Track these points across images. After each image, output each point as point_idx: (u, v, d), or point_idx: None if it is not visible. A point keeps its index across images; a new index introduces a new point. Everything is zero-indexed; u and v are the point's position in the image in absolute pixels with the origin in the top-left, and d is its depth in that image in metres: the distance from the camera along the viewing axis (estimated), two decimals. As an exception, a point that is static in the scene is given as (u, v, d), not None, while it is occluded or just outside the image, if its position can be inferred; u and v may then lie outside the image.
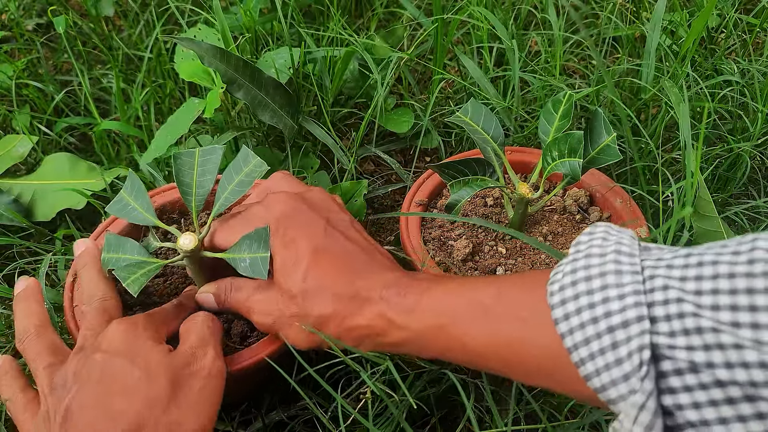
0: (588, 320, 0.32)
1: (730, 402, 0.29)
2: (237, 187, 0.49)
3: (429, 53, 0.87)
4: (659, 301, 0.31)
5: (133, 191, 0.51)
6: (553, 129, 0.55)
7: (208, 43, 0.63)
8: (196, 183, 0.49)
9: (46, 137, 0.83)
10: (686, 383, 0.30)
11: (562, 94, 0.56)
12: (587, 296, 0.33)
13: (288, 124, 0.69)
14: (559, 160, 0.51)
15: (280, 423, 0.55)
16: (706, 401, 0.29)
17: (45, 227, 0.71)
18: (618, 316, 0.31)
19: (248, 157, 0.50)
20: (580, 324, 0.32)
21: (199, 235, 0.48)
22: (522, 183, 0.53)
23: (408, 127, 0.75)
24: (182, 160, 0.50)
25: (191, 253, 0.48)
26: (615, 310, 0.31)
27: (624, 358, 0.31)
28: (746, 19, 0.77)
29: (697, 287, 0.30)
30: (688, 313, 0.30)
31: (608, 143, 0.53)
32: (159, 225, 0.50)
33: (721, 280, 0.29)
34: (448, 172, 0.52)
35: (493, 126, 0.56)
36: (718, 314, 0.29)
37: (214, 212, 0.49)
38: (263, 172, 0.49)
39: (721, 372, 0.29)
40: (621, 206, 0.59)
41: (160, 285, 0.55)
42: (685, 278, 0.30)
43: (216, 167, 0.50)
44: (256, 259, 0.45)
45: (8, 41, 0.98)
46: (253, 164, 0.50)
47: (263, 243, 0.45)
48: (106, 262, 0.48)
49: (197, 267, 0.50)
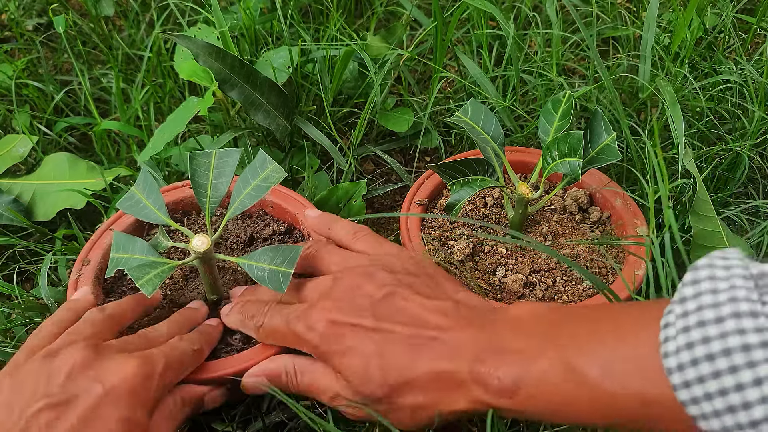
0: (723, 409, 0.28)
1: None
2: (253, 191, 0.48)
3: (428, 53, 0.87)
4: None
5: (145, 188, 0.50)
6: (553, 129, 0.55)
7: (203, 41, 0.63)
8: (211, 185, 0.49)
9: (46, 137, 0.83)
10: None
11: (562, 94, 0.56)
12: (715, 381, 0.29)
13: (281, 125, 0.69)
14: (559, 160, 0.51)
15: (281, 424, 0.55)
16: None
17: (45, 227, 0.71)
18: (760, 408, 0.27)
19: (265, 162, 0.50)
20: (713, 412, 0.29)
21: (212, 237, 0.48)
22: (522, 183, 0.54)
23: (408, 126, 0.75)
24: (198, 161, 0.50)
25: (203, 255, 0.48)
26: (754, 401, 0.28)
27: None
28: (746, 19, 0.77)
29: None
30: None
31: (608, 143, 0.53)
32: (171, 224, 0.49)
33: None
34: (448, 172, 0.53)
35: (492, 126, 0.56)
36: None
37: (228, 215, 0.49)
38: (281, 178, 0.49)
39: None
40: (621, 206, 0.60)
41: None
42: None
43: (232, 171, 0.49)
44: (277, 272, 0.44)
45: (8, 41, 0.98)
46: (271, 169, 0.49)
47: (289, 260, 0.45)
48: (116, 261, 0.47)
49: (208, 269, 0.50)
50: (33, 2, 1.04)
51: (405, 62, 0.79)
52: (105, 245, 0.57)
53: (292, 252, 0.45)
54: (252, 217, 0.62)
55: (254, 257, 0.46)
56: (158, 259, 0.47)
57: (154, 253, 0.48)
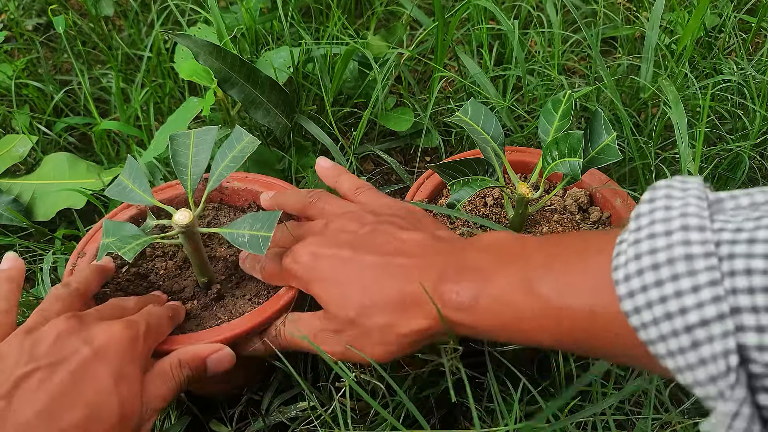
0: (661, 316, 0.29)
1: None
2: (230, 162, 0.50)
3: (429, 53, 0.87)
4: (742, 288, 0.27)
5: (131, 174, 0.52)
6: (553, 129, 0.55)
7: (203, 40, 0.63)
8: (191, 162, 0.51)
9: (45, 137, 0.83)
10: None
11: (562, 94, 0.56)
12: (656, 289, 0.29)
13: (281, 123, 0.69)
14: (559, 160, 0.51)
15: (281, 424, 0.55)
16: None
17: (45, 227, 0.71)
18: (695, 313, 0.28)
19: (241, 135, 0.52)
20: (653, 320, 0.29)
21: (194, 212, 0.49)
22: (522, 183, 0.53)
23: (408, 126, 0.75)
24: (179, 141, 0.52)
25: (186, 229, 0.48)
26: (690, 306, 0.28)
27: (708, 360, 0.28)
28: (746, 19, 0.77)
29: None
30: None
31: (608, 143, 0.53)
32: (156, 203, 0.51)
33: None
34: (448, 172, 0.52)
35: (492, 126, 0.56)
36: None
37: (209, 187, 0.50)
38: (255, 146, 0.51)
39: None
40: (621, 206, 0.59)
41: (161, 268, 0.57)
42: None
43: (210, 147, 0.51)
44: (257, 237, 0.46)
45: (8, 41, 0.98)
46: (246, 141, 0.51)
47: (267, 225, 0.46)
48: (105, 247, 0.48)
49: (193, 244, 0.51)
50: (33, 2, 1.04)
51: (405, 62, 0.79)
52: (101, 239, 0.57)
53: (270, 217, 0.46)
54: (244, 211, 0.63)
55: (235, 225, 0.48)
56: (141, 233, 0.49)
57: (141, 233, 0.49)
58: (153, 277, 0.56)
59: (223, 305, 0.53)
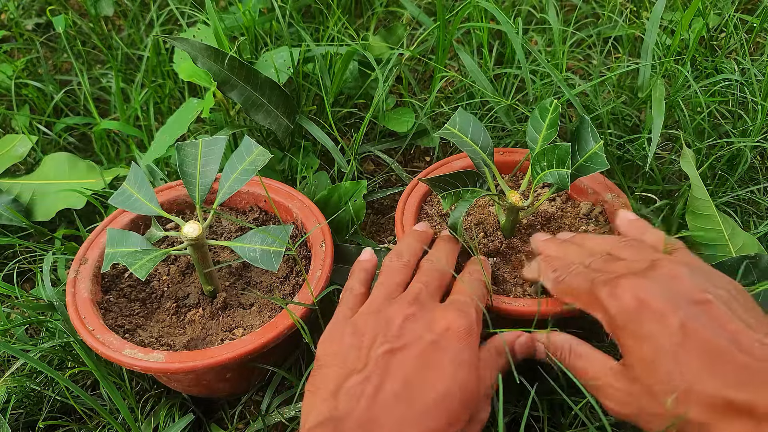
0: None
1: None
2: (241, 175, 0.49)
3: (429, 53, 0.87)
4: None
5: (136, 183, 0.51)
6: (541, 138, 0.55)
7: (201, 43, 0.63)
8: (199, 173, 0.50)
9: (45, 137, 0.83)
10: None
11: (549, 101, 0.55)
12: None
13: (283, 124, 0.69)
14: (548, 170, 0.51)
15: (281, 424, 0.55)
16: None
17: (45, 227, 0.71)
18: None
19: (251, 146, 0.50)
20: None
21: (203, 224, 0.48)
22: (512, 192, 0.54)
23: (408, 127, 0.74)
24: (186, 151, 0.50)
25: (195, 241, 0.48)
26: None
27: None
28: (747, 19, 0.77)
29: None
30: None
31: (596, 151, 0.52)
32: (162, 214, 0.50)
33: None
34: (438, 185, 0.52)
35: (481, 136, 0.56)
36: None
37: (218, 200, 0.49)
38: (266, 160, 0.49)
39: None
40: (613, 200, 0.60)
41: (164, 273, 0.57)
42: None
43: (219, 158, 0.50)
44: (269, 252, 0.45)
45: (8, 41, 0.98)
46: (256, 153, 0.50)
47: (279, 240, 0.45)
48: (111, 256, 0.47)
49: (202, 256, 0.50)
50: (32, 2, 1.04)
51: (405, 62, 0.79)
52: (102, 244, 0.57)
53: (281, 232, 0.46)
54: (245, 214, 0.63)
55: (245, 239, 0.47)
56: (151, 248, 0.48)
57: (147, 245, 0.48)
58: (156, 283, 0.56)
59: (229, 315, 0.53)
